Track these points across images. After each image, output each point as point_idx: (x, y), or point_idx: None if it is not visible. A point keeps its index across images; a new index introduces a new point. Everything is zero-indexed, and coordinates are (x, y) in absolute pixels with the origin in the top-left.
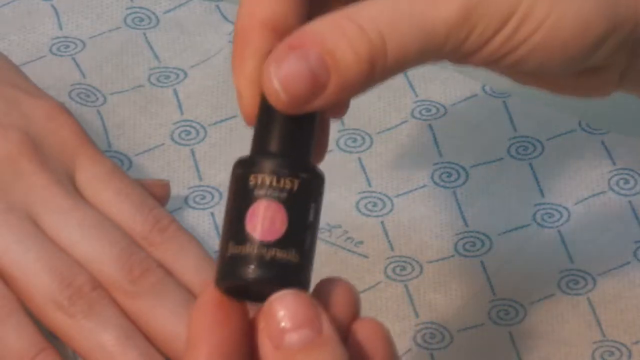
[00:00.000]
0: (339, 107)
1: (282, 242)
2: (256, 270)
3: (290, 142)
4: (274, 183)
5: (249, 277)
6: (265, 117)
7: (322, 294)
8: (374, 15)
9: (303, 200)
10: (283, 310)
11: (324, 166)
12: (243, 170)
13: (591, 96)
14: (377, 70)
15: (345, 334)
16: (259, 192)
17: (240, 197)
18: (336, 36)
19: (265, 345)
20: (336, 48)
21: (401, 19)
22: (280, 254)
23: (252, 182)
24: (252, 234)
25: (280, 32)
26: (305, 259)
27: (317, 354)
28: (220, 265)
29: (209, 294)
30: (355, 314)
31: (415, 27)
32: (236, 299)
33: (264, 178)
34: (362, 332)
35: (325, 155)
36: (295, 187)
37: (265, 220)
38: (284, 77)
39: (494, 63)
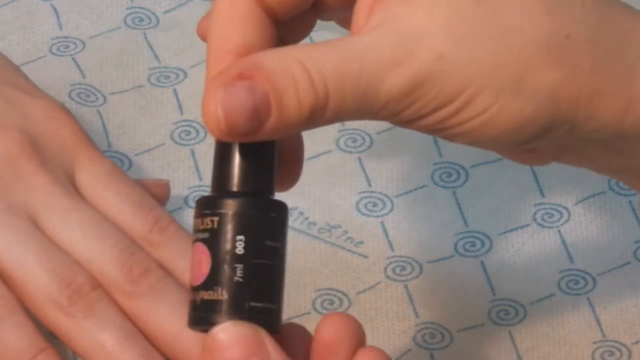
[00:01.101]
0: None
1: (207, 283)
2: (192, 317)
3: (220, 177)
4: (200, 226)
5: (190, 325)
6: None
7: (324, 328)
8: (324, 67)
9: (226, 236)
10: (227, 340)
11: (324, 166)
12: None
13: (530, 165)
14: (315, 119)
15: None
16: (194, 237)
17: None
18: (285, 79)
19: None
20: (283, 91)
21: (349, 78)
22: (207, 296)
23: (192, 228)
24: (190, 282)
25: None
26: (236, 293)
27: None
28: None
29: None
30: (359, 343)
31: (359, 91)
32: None
33: (195, 222)
34: None
35: (325, 156)
36: (216, 225)
37: (194, 265)
38: (227, 106)
39: (429, 133)
